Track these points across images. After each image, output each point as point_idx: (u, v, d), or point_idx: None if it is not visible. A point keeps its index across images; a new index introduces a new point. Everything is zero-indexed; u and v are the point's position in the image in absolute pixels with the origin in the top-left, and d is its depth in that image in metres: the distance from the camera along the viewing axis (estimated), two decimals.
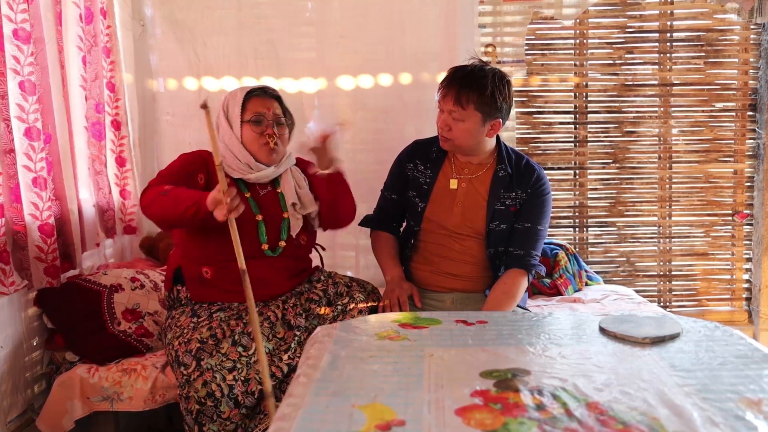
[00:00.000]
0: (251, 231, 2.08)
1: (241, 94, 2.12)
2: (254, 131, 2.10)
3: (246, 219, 2.04)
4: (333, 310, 2.15)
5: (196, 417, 1.82)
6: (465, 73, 2.11)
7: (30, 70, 2.11)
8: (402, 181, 2.32)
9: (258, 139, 2.10)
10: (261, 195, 2.15)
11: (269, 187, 2.18)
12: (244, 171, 2.12)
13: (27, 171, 2.13)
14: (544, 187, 2.23)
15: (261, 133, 2.10)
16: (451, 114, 2.11)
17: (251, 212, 2.09)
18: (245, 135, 2.11)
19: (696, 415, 1.13)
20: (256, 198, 2.13)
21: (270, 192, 2.17)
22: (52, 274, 2.22)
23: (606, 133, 3.36)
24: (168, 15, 3.02)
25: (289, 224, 2.14)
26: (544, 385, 1.27)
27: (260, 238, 2.10)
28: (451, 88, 2.10)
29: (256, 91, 2.15)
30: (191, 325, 1.98)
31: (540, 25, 3.27)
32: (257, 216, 2.10)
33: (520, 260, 2.18)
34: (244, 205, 1.77)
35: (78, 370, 2.18)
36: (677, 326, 1.61)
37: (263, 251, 2.10)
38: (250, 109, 2.11)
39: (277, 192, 2.18)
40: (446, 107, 2.12)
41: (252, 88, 2.15)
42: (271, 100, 2.16)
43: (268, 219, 2.11)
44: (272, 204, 2.15)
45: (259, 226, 2.10)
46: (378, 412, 1.16)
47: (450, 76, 2.15)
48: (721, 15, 3.26)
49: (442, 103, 2.15)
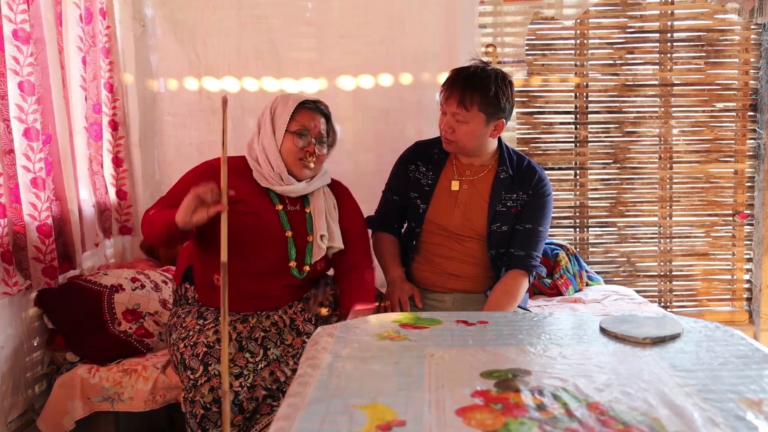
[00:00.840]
0: (280, 246, 2.03)
1: (293, 103, 2.04)
2: (295, 144, 2.03)
3: (275, 233, 2.02)
4: (336, 314, 2.13)
5: (200, 421, 1.81)
6: (467, 74, 2.11)
7: (29, 70, 2.11)
8: (403, 183, 2.31)
9: (297, 152, 2.03)
10: (289, 211, 2.08)
11: (298, 205, 2.11)
12: (274, 181, 2.05)
13: (26, 171, 2.13)
14: (546, 189, 2.22)
15: (302, 147, 2.03)
16: (455, 116, 2.10)
17: (281, 227, 2.04)
18: (285, 144, 2.03)
19: (697, 416, 1.13)
20: (286, 212, 2.07)
21: (299, 210, 2.10)
22: (50, 275, 2.22)
23: (606, 134, 3.36)
24: (168, 15, 3.02)
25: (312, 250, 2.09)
26: (544, 385, 1.27)
27: (289, 254, 2.04)
28: (454, 90, 2.09)
29: (308, 103, 2.08)
30: (197, 327, 1.96)
31: (540, 25, 3.26)
32: (287, 232, 2.04)
33: (521, 261, 2.18)
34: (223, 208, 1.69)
35: (79, 370, 2.18)
36: (678, 326, 1.61)
37: (290, 268, 2.06)
38: (298, 120, 2.03)
39: (305, 211, 2.11)
40: (449, 109, 2.11)
41: (306, 100, 2.08)
42: (319, 116, 2.09)
43: (295, 237, 2.06)
44: (299, 223, 2.09)
45: (289, 242, 2.04)
46: (378, 413, 1.15)
47: (452, 77, 2.13)
48: (721, 15, 3.26)
49: (445, 106, 2.13)
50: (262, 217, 2.01)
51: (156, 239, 1.93)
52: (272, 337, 1.99)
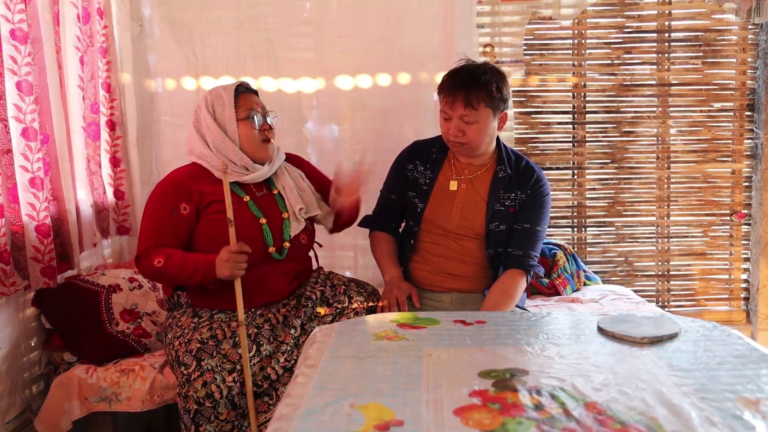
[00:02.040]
0: (256, 235, 2.04)
1: (228, 94, 2.06)
2: (253, 128, 2.06)
3: (249, 223, 2.04)
4: (333, 310, 2.14)
5: (193, 417, 1.81)
6: (466, 74, 2.10)
7: (27, 70, 2.10)
8: (402, 182, 2.32)
9: (257, 135, 2.06)
10: (258, 197, 2.11)
11: (264, 189, 2.15)
12: (239, 173, 2.06)
13: (24, 171, 2.12)
14: (544, 188, 2.23)
15: (260, 128, 2.07)
16: (463, 118, 2.09)
17: (254, 216, 2.06)
18: (242, 133, 2.05)
19: (694, 415, 1.13)
20: (255, 200, 2.10)
21: (266, 194, 2.14)
22: (48, 275, 2.21)
23: (604, 133, 3.36)
24: (166, 15, 3.02)
25: (290, 225, 2.12)
26: (542, 384, 1.27)
27: (267, 241, 2.06)
28: (457, 94, 2.08)
29: (240, 87, 2.11)
30: (192, 325, 1.97)
31: (538, 25, 3.27)
32: (261, 219, 2.06)
33: (519, 261, 2.18)
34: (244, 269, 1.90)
35: (76, 370, 2.17)
36: (675, 326, 1.61)
37: (270, 254, 2.08)
38: (242, 106, 2.07)
39: (273, 193, 2.15)
40: (456, 113, 2.10)
41: (235, 85, 2.10)
42: (254, 95, 2.14)
43: (269, 221, 2.08)
44: (271, 206, 2.12)
45: (264, 229, 2.06)
46: (376, 412, 1.16)
47: (449, 81, 2.12)
48: (719, 15, 3.26)
49: (449, 111, 2.11)
50: (235, 212, 1.99)
51: (182, 285, 2.07)
52: (265, 333, 2.00)
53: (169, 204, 2.01)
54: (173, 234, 2.00)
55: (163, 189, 2.06)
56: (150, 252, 1.96)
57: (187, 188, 2.03)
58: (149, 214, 2.04)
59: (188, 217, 2.02)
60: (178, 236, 2.01)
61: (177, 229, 2.01)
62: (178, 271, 1.93)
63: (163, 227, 2.00)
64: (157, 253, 1.95)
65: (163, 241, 1.98)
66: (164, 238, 1.99)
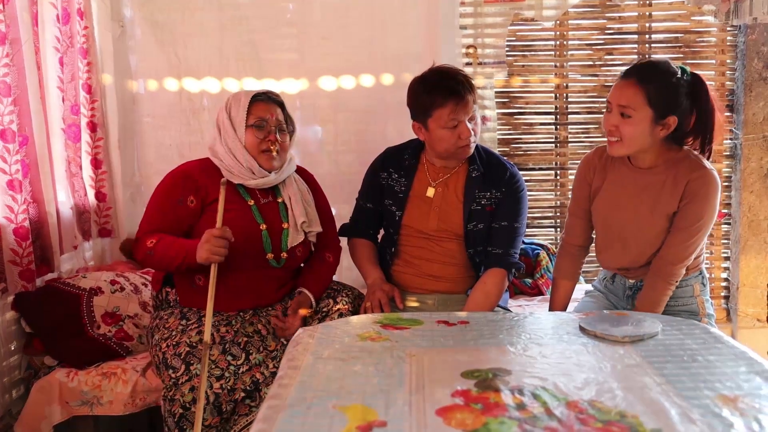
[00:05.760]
0: (255, 241, 2.05)
1: (246, 98, 2.09)
2: (257, 137, 2.07)
3: (249, 228, 2.04)
4: (316, 311, 2.14)
5: (177, 421, 1.80)
6: (458, 78, 2.11)
7: (5, 71, 2.08)
8: (377, 190, 2.32)
9: (259, 144, 2.07)
10: (262, 203, 2.12)
11: (270, 196, 2.15)
12: (245, 176, 2.08)
13: (2, 173, 2.10)
14: (519, 185, 2.23)
15: (263, 138, 2.07)
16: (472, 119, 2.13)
17: (255, 221, 2.07)
18: (247, 139, 2.07)
19: (674, 413, 1.15)
20: (258, 206, 2.11)
21: (271, 202, 2.14)
22: (27, 278, 2.19)
23: (587, 134, 3.38)
24: (148, 16, 2.99)
25: (288, 236, 2.12)
26: (524, 384, 1.28)
27: (265, 248, 2.07)
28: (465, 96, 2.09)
29: (260, 95, 2.12)
30: (180, 327, 1.96)
31: (521, 26, 3.28)
32: (261, 225, 2.07)
33: (499, 259, 2.18)
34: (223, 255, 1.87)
35: (57, 374, 2.15)
36: (656, 325, 1.63)
37: (268, 261, 2.08)
38: (254, 113, 2.08)
39: (277, 202, 2.15)
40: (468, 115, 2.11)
41: (257, 93, 2.13)
42: (274, 105, 2.14)
43: (269, 229, 2.09)
44: (273, 214, 2.12)
45: (264, 236, 2.07)
46: (359, 413, 1.16)
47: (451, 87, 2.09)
48: (698, 17, 3.29)
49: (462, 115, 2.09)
50: (236, 214, 2.03)
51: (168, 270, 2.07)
52: (255, 343, 2.00)
53: (177, 194, 2.04)
54: (175, 223, 2.03)
55: (173, 178, 2.10)
56: (146, 235, 1.99)
57: (196, 181, 2.06)
58: (155, 200, 2.08)
59: (194, 210, 2.05)
60: (179, 226, 2.04)
61: (179, 219, 2.04)
62: (163, 253, 1.94)
63: (167, 216, 2.03)
64: (152, 236, 1.98)
65: (162, 228, 2.01)
66: (163, 225, 2.01)
